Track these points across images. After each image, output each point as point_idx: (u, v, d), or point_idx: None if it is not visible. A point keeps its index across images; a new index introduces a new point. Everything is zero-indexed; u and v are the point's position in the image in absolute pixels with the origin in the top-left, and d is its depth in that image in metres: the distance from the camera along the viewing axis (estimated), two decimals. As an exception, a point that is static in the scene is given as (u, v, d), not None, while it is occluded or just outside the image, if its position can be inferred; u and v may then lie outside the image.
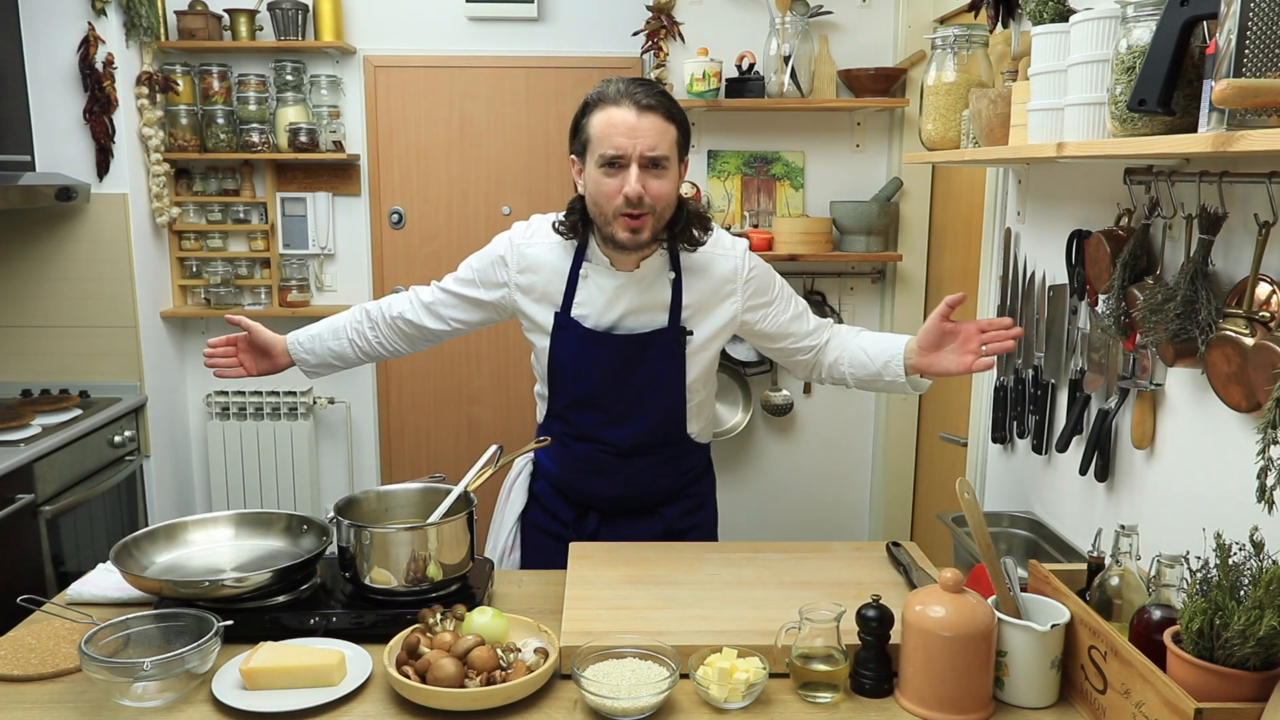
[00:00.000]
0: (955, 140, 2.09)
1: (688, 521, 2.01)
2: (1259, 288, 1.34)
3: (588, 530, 1.97)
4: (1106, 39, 1.42)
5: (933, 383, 1.92)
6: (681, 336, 1.83)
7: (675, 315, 1.82)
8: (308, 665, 1.38)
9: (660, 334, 1.82)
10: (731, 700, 1.34)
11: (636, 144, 1.67)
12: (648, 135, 1.67)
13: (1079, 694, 1.34)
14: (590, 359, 1.83)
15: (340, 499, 1.68)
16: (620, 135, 1.67)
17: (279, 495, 3.59)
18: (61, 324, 3.23)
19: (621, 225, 1.71)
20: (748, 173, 3.29)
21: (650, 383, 1.85)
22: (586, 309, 1.83)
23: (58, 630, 1.55)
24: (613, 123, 1.68)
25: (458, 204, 3.55)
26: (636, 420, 1.88)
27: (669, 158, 1.71)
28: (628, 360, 1.82)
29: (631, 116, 1.67)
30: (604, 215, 1.73)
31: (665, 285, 1.83)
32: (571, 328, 1.82)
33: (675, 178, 1.74)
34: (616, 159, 1.68)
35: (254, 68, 3.42)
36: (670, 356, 1.83)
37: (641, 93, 1.69)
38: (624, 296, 1.81)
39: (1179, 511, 1.59)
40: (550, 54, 3.44)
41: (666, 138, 1.70)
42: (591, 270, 1.83)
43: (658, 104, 1.69)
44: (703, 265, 1.85)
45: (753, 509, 3.48)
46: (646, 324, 1.83)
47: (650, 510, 1.98)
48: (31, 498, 2.62)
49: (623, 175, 1.68)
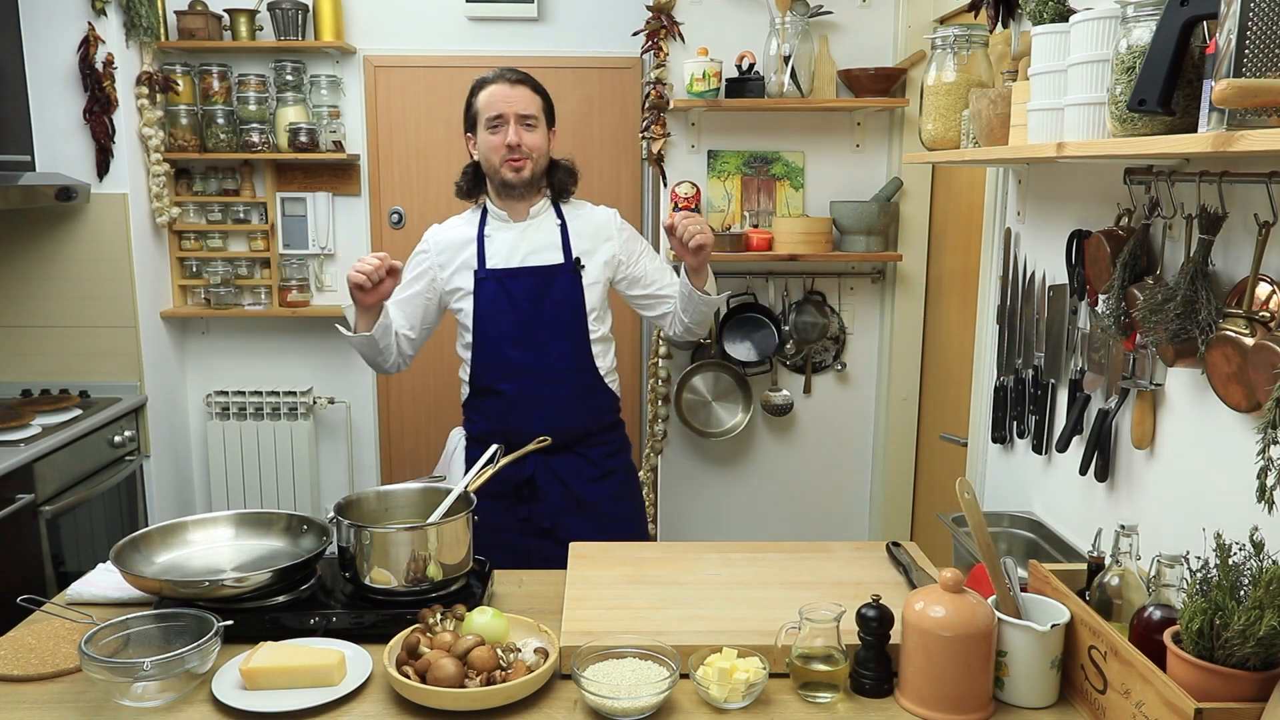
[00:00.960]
0: (955, 140, 2.09)
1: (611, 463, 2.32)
2: (1259, 288, 1.34)
3: (526, 472, 2.22)
4: (1106, 39, 1.42)
5: (702, 284, 2.24)
6: (576, 267, 2.26)
7: (567, 251, 2.26)
8: (308, 665, 1.38)
9: (559, 267, 2.25)
10: (731, 700, 1.34)
11: (513, 106, 2.18)
12: (519, 100, 2.19)
13: (1079, 694, 1.34)
14: (508, 295, 2.23)
15: (340, 499, 1.68)
16: (500, 102, 2.18)
17: (279, 495, 3.58)
18: (61, 324, 3.23)
19: (508, 168, 2.19)
20: (747, 173, 3.29)
21: (557, 312, 2.23)
22: (496, 259, 2.25)
23: (58, 630, 1.55)
24: (493, 95, 2.20)
25: (457, 204, 3.52)
26: (550, 346, 2.23)
27: (537, 117, 2.21)
28: (536, 293, 2.23)
29: (506, 89, 2.20)
30: (493, 166, 2.21)
31: (554, 229, 2.28)
32: (489, 275, 2.24)
33: (544, 134, 2.23)
34: (498, 119, 2.18)
35: (254, 68, 3.42)
36: (570, 286, 2.25)
37: (510, 73, 2.23)
38: (523, 241, 2.26)
39: (1179, 511, 1.59)
40: (550, 54, 3.44)
41: (534, 103, 2.21)
42: (493, 229, 2.28)
43: (524, 79, 2.23)
44: (583, 216, 2.33)
45: (753, 509, 3.47)
46: (546, 259, 2.25)
47: (572, 449, 2.27)
48: (31, 498, 2.62)
49: (504, 130, 2.18)
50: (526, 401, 2.23)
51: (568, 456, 2.27)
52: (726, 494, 3.41)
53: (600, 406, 2.32)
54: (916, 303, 3.31)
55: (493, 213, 2.29)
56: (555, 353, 2.23)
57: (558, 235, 2.27)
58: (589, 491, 2.27)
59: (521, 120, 2.18)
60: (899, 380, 3.36)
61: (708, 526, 3.40)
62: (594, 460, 2.30)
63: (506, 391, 2.25)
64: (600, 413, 2.32)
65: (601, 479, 2.30)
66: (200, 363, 3.63)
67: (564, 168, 2.31)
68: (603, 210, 2.37)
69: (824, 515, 3.53)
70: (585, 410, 2.28)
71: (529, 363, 2.23)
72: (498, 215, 2.28)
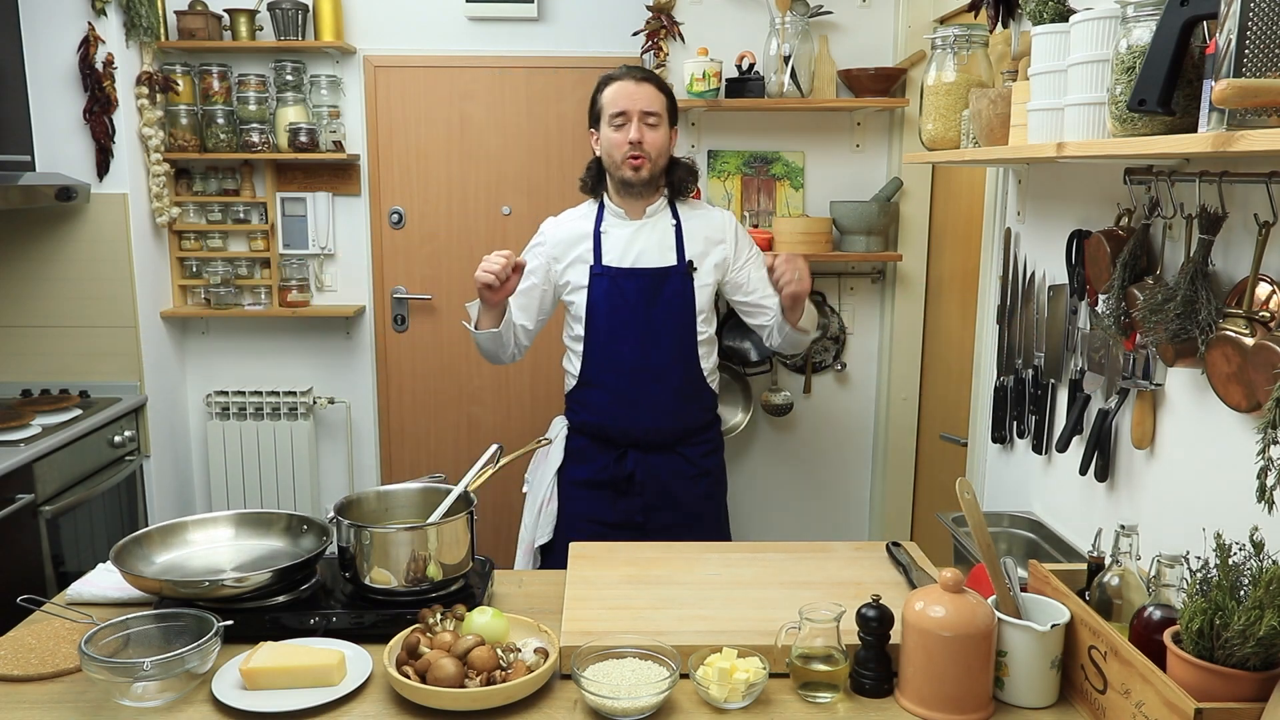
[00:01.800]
0: (955, 140, 2.09)
1: (706, 463, 2.39)
2: (1259, 288, 1.34)
3: (627, 470, 2.31)
4: (1106, 39, 1.42)
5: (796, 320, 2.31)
6: (689, 270, 2.30)
7: (681, 253, 2.31)
8: (308, 665, 1.38)
9: (672, 269, 2.30)
10: (731, 700, 1.34)
11: (636, 103, 2.22)
12: (644, 97, 2.23)
13: (1079, 694, 1.34)
14: (621, 293, 2.27)
15: (340, 499, 1.68)
16: (624, 98, 2.23)
17: (279, 495, 3.58)
18: (61, 324, 3.23)
19: (628, 166, 2.23)
20: (748, 173, 3.29)
21: (669, 312, 2.28)
22: (612, 256, 2.30)
23: (58, 630, 1.55)
24: (618, 91, 2.25)
25: (458, 204, 3.55)
26: (660, 345, 2.28)
27: (660, 115, 2.26)
28: (649, 293, 2.28)
29: (631, 85, 2.24)
30: (614, 161, 2.26)
31: (669, 231, 2.32)
32: (605, 272, 2.29)
33: (667, 133, 2.28)
34: (622, 115, 2.23)
35: (254, 68, 3.42)
36: (682, 288, 2.29)
37: (638, 70, 2.29)
38: (638, 240, 2.30)
39: (1179, 511, 1.59)
40: (550, 54, 3.44)
41: (658, 101, 2.26)
42: (610, 225, 2.32)
43: (651, 78, 2.29)
44: (699, 217, 2.37)
45: (753, 509, 3.47)
46: (660, 260, 2.30)
47: (673, 448, 2.34)
48: (31, 498, 2.62)
49: (627, 127, 2.22)
50: (632, 396, 2.29)
51: (668, 455, 2.34)
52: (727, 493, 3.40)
53: (701, 404, 2.38)
54: (916, 303, 3.31)
55: (610, 209, 2.34)
56: (663, 351, 2.29)
57: (673, 236, 2.31)
58: (683, 490, 2.35)
59: (644, 117, 2.22)
60: (899, 380, 3.36)
61: (708, 526, 3.39)
62: (691, 459, 2.36)
63: (613, 385, 2.30)
64: (700, 410, 2.39)
65: (696, 479, 2.36)
66: (200, 363, 3.63)
67: (684, 166, 2.35)
68: (720, 212, 2.41)
69: (824, 515, 3.53)
70: (687, 408, 2.35)
71: (637, 359, 2.28)
72: (615, 212, 2.33)
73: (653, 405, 2.30)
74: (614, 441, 2.34)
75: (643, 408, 2.30)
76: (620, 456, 2.33)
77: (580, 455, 2.38)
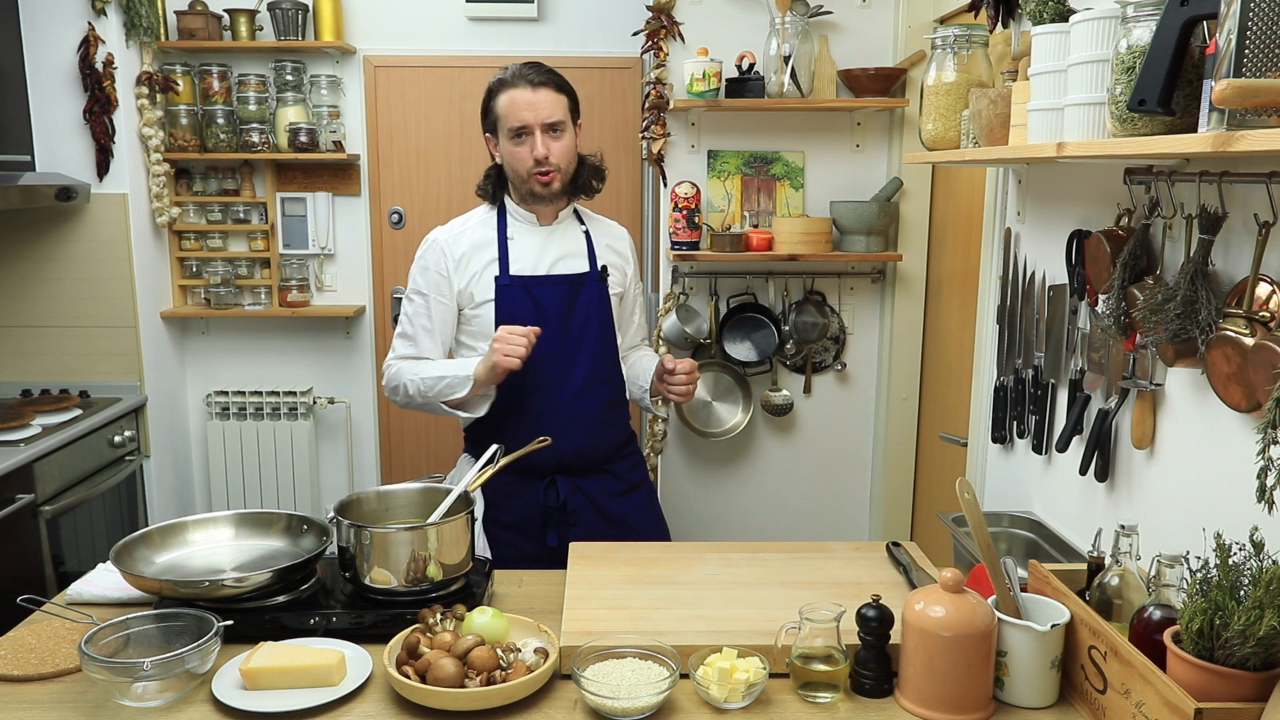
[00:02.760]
0: (955, 140, 2.09)
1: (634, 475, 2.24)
2: (1259, 288, 1.34)
3: (559, 498, 2.11)
4: (1106, 39, 1.42)
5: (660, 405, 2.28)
6: (603, 275, 2.14)
7: (593, 259, 2.15)
8: (308, 665, 1.38)
9: (586, 275, 2.13)
10: (731, 700, 1.34)
11: (537, 115, 2.00)
12: (544, 106, 2.01)
13: (1079, 694, 1.34)
14: (535, 304, 2.07)
15: (340, 499, 1.68)
16: (523, 110, 2.00)
17: (279, 495, 3.58)
18: (61, 324, 3.23)
19: (536, 182, 2.04)
20: (747, 173, 3.29)
21: (586, 321, 2.11)
22: (521, 264, 2.10)
23: (58, 630, 1.55)
24: (514, 101, 2.01)
25: (458, 204, 3.55)
26: (581, 359, 2.11)
27: (564, 122, 2.04)
28: (565, 302, 2.10)
29: (529, 93, 2.00)
30: (520, 177, 2.06)
31: (579, 236, 2.16)
32: (513, 282, 2.08)
33: (572, 138, 2.07)
34: (522, 129, 2.01)
35: (254, 68, 3.42)
36: (598, 295, 2.13)
37: (533, 73, 2.02)
38: (550, 245, 2.12)
39: (1179, 511, 1.58)
40: (550, 54, 3.44)
41: (560, 106, 2.03)
42: (517, 230, 2.12)
43: (548, 79, 2.03)
44: (601, 226, 2.23)
45: (753, 509, 3.47)
46: (573, 268, 2.12)
47: (603, 467, 2.18)
48: (31, 498, 2.62)
49: (529, 141, 2.01)
50: (558, 419, 2.07)
51: (598, 476, 2.17)
52: (726, 494, 3.41)
53: (625, 418, 2.25)
54: (916, 303, 3.31)
55: (515, 213, 2.13)
56: (586, 366, 2.11)
57: (583, 242, 2.15)
58: (619, 507, 2.18)
59: (548, 129, 2.01)
60: (899, 380, 3.36)
61: (708, 526, 3.40)
62: (620, 475, 2.21)
63: (534, 408, 2.08)
64: (625, 424, 2.25)
65: (628, 493, 2.22)
66: (200, 363, 3.63)
67: (590, 167, 2.15)
68: (619, 227, 2.28)
69: (824, 515, 3.53)
70: (616, 425, 2.20)
71: (558, 377, 2.08)
72: (523, 217, 2.12)
73: (580, 425, 2.09)
74: (539, 470, 2.09)
75: (571, 428, 2.07)
76: (549, 485, 2.11)
77: (504, 496, 2.12)
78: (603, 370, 2.13)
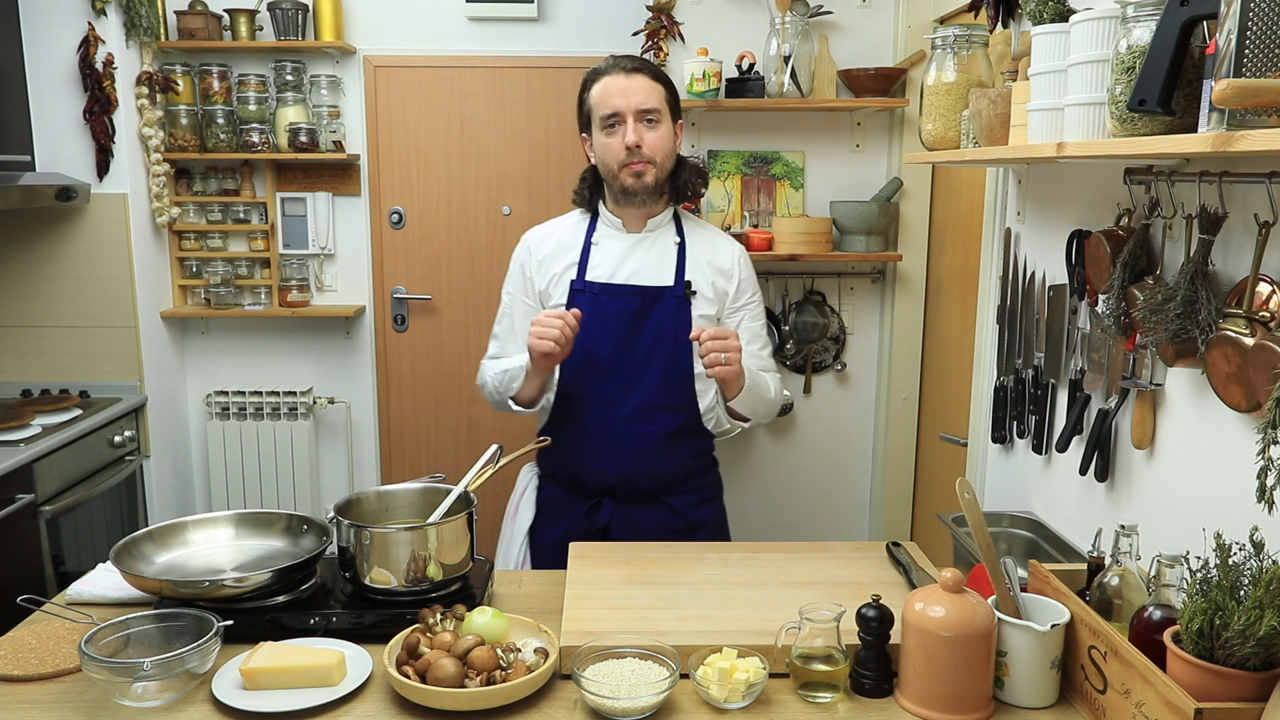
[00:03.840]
0: (955, 140, 2.09)
1: (698, 514, 2.06)
2: (1259, 288, 1.34)
3: (600, 523, 2.00)
4: (1106, 39, 1.42)
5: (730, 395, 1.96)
6: (686, 292, 1.96)
7: (680, 273, 1.97)
8: (308, 665, 1.38)
9: (666, 290, 1.96)
10: (731, 700, 1.34)
11: (630, 100, 1.90)
12: (638, 92, 1.90)
13: (1079, 694, 1.34)
14: (603, 314, 1.94)
15: (340, 499, 1.68)
16: (614, 97, 1.91)
17: (279, 495, 3.58)
18: (61, 324, 3.23)
19: (627, 173, 1.92)
20: (748, 173, 3.29)
21: (658, 339, 1.95)
22: (599, 270, 1.98)
23: (58, 630, 1.55)
24: (606, 88, 1.92)
25: (458, 204, 3.55)
26: (646, 380, 1.95)
27: (659, 110, 1.92)
28: (636, 315, 1.95)
29: (622, 79, 1.91)
30: (611, 170, 1.94)
31: (671, 247, 2.00)
32: (586, 288, 1.97)
33: (669, 131, 1.95)
34: (614, 116, 1.91)
35: (254, 68, 3.42)
36: (676, 312, 1.95)
37: (627, 60, 1.95)
38: (634, 254, 1.98)
39: (1179, 511, 1.58)
40: (550, 54, 3.44)
41: (655, 94, 1.92)
42: (603, 236, 2.01)
43: (643, 66, 1.94)
44: (706, 239, 2.04)
45: (753, 509, 3.47)
46: (652, 279, 1.97)
47: (658, 498, 2.02)
48: (31, 498, 2.62)
49: (621, 130, 1.90)
50: (609, 440, 1.96)
51: (650, 507, 2.01)
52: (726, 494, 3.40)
53: (694, 449, 2.05)
54: (916, 303, 3.32)
55: (605, 218, 2.02)
56: (649, 387, 1.95)
57: (674, 256, 1.98)
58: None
59: (641, 116, 1.90)
60: (899, 380, 3.36)
61: (708, 526, 3.39)
62: (679, 510, 2.03)
63: (589, 425, 1.97)
64: (692, 456, 2.05)
65: (685, 532, 2.01)
66: (200, 363, 3.63)
67: (691, 167, 2.01)
68: (731, 241, 2.08)
69: (824, 515, 3.53)
70: (676, 454, 2.00)
71: (614, 393, 1.95)
72: (611, 222, 2.01)
73: (631, 450, 1.95)
74: (587, 489, 2.01)
75: (621, 451, 1.95)
76: (594, 508, 2.00)
77: (552, 511, 2.05)
78: (669, 395, 1.96)
